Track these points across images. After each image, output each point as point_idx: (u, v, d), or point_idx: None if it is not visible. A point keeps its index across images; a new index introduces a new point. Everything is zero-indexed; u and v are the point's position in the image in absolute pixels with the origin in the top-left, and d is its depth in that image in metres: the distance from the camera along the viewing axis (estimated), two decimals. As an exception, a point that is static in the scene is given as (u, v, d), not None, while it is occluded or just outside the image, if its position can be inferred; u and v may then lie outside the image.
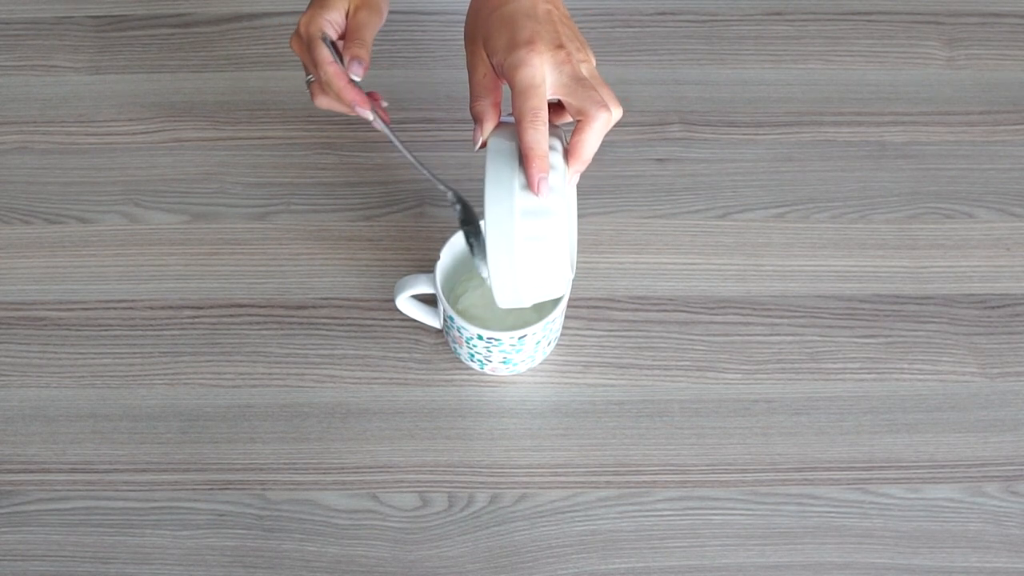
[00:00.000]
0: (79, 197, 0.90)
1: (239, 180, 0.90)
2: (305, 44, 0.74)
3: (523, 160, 0.66)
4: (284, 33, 0.97)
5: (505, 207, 0.65)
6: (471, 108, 0.70)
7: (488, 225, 0.65)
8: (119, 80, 0.95)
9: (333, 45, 0.74)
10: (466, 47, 0.72)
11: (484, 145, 0.69)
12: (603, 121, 0.67)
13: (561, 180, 0.67)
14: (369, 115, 0.73)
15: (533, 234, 0.66)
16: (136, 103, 0.94)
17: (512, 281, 0.67)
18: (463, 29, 0.73)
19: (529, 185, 0.66)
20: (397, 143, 0.74)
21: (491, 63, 0.69)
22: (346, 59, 0.73)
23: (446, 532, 0.78)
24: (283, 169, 0.91)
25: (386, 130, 0.74)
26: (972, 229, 0.88)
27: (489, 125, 0.69)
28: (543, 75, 0.66)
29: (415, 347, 0.84)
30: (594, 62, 0.69)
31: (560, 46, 0.67)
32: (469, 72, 0.71)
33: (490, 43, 0.68)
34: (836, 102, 0.94)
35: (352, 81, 0.73)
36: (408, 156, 0.74)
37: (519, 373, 0.82)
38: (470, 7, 0.72)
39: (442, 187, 0.74)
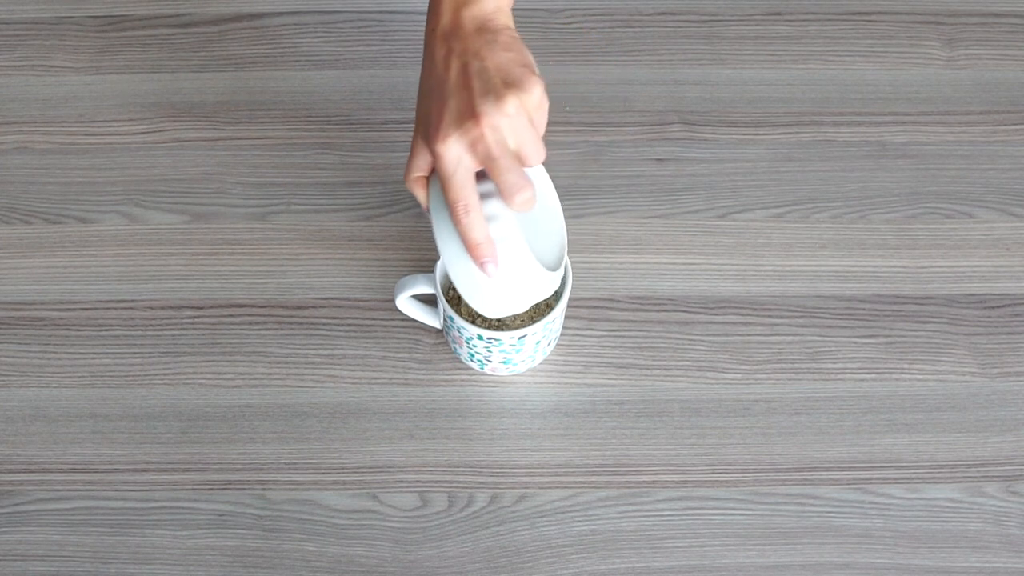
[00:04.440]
0: (79, 197, 0.90)
1: (239, 180, 0.90)
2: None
3: (466, 246, 0.67)
4: (284, 33, 0.97)
5: (456, 246, 0.69)
6: (405, 180, 0.70)
7: (446, 262, 0.69)
8: (119, 80, 0.95)
9: None
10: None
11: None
12: (527, 200, 0.66)
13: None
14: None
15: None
16: (136, 103, 0.94)
17: (487, 299, 0.71)
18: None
19: (479, 267, 0.68)
20: None
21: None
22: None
23: (446, 532, 0.78)
24: (283, 169, 0.91)
25: None
26: (972, 229, 0.88)
27: (424, 192, 0.70)
28: (456, 163, 0.66)
29: (415, 347, 0.84)
30: (536, 92, 0.65)
31: (472, 115, 0.65)
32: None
33: (419, 128, 0.69)
34: (836, 102, 0.94)
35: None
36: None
37: (519, 373, 0.82)
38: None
39: None
